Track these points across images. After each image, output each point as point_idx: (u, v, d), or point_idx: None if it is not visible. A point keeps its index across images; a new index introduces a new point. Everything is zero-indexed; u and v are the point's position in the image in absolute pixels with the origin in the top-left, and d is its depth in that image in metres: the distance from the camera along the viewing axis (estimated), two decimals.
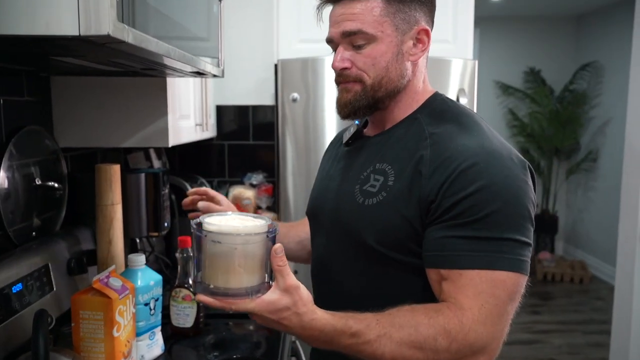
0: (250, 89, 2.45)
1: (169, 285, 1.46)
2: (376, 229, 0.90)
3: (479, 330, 0.80)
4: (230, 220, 0.82)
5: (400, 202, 0.87)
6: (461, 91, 2.19)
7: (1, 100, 1.18)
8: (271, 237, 0.79)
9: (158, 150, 2.04)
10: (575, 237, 5.37)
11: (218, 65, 1.33)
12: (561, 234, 5.45)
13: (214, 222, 0.79)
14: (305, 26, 2.33)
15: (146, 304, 1.17)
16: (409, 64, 0.94)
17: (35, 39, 0.60)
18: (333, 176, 1.06)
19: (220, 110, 2.45)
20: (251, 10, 2.38)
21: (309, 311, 0.79)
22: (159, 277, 1.21)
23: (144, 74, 1.27)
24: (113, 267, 1.08)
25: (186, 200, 1.26)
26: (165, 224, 1.51)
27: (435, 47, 1.12)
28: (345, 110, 0.96)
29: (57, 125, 1.41)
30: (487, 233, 0.81)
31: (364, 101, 0.94)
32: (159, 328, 1.22)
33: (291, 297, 0.77)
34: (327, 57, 2.21)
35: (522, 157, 0.89)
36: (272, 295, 0.77)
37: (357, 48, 0.92)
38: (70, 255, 1.29)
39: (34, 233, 1.28)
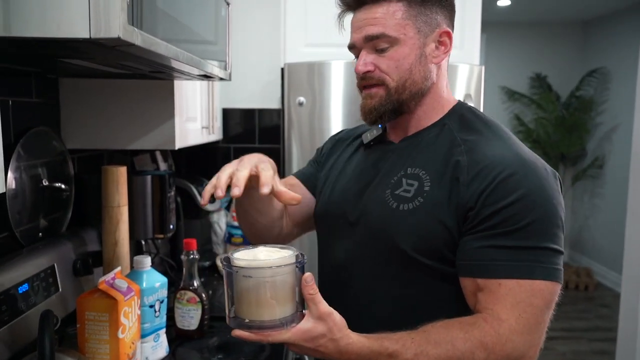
0: (256, 92, 2.45)
1: (174, 287, 1.47)
2: (412, 235, 0.89)
3: (516, 340, 0.80)
4: (258, 254, 0.83)
5: (438, 209, 0.87)
6: (467, 96, 2.19)
7: (10, 102, 1.19)
8: (300, 267, 0.80)
9: (164, 153, 2.05)
10: (581, 243, 5.34)
11: (225, 69, 1.33)
12: (567, 240, 5.40)
13: (242, 257, 0.80)
14: (312, 30, 2.33)
15: (151, 306, 1.17)
16: (432, 66, 0.95)
17: (46, 41, 0.60)
18: (352, 178, 1.04)
19: (227, 113, 2.45)
20: (258, 14, 2.38)
21: (344, 336, 0.80)
22: (164, 279, 1.21)
23: (151, 77, 1.28)
24: (119, 268, 1.08)
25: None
26: (171, 226, 1.51)
27: None
28: (370, 116, 0.96)
29: (64, 127, 1.42)
30: (527, 242, 0.82)
31: (389, 105, 0.94)
32: (164, 330, 1.22)
33: (325, 324, 0.79)
34: (334, 62, 2.21)
35: (551, 167, 0.91)
36: (307, 324, 0.79)
37: (380, 52, 0.93)
38: (76, 257, 1.30)
39: (40, 234, 1.29)
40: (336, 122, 2.24)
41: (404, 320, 0.87)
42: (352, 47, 0.98)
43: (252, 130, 2.50)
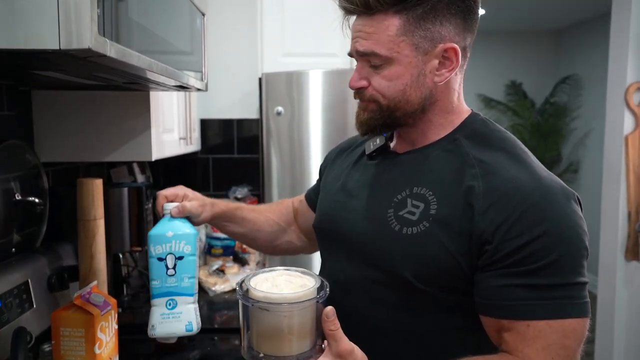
0: (234, 102, 2.45)
1: None
2: (415, 262, 0.82)
3: None
4: (277, 278, 0.77)
5: (445, 235, 0.80)
6: None
7: None
8: (322, 301, 0.75)
9: (141, 165, 2.03)
10: None
11: (202, 79, 1.33)
12: None
13: (260, 287, 0.74)
14: (289, 40, 2.35)
15: (160, 259, 0.96)
16: (433, 85, 0.85)
17: (14, 52, 0.59)
18: (353, 192, 0.95)
19: (205, 123, 2.45)
20: (235, 25, 2.39)
21: None
22: (186, 230, 0.99)
23: (126, 88, 1.27)
24: (95, 282, 1.06)
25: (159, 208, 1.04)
26: None
27: None
28: (362, 128, 0.90)
29: (38, 140, 1.39)
30: (554, 280, 0.75)
31: (380, 120, 0.87)
32: (187, 299, 0.97)
33: None
34: (312, 71, 2.22)
35: (570, 188, 0.83)
36: None
37: (374, 67, 0.84)
38: (51, 272, 1.27)
39: (13, 249, 1.26)
40: (315, 131, 2.25)
41: (412, 354, 0.83)
42: (351, 55, 0.89)
43: (230, 140, 2.49)
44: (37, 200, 1.31)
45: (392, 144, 0.96)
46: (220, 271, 2.01)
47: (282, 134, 2.25)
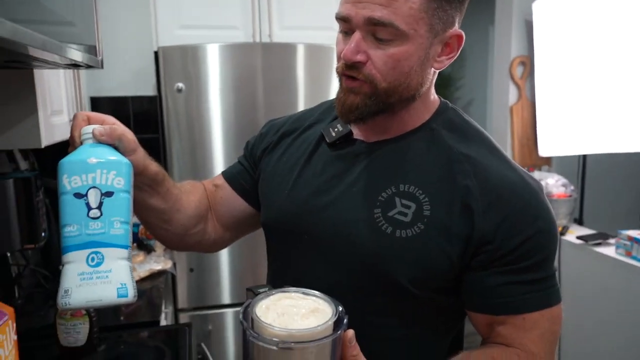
0: (128, 78, 2.28)
1: (52, 300, 1.32)
2: (412, 266, 0.77)
3: None
4: (279, 304, 0.66)
5: (443, 237, 0.77)
6: None
7: None
8: (345, 328, 0.66)
9: (24, 150, 1.81)
10: None
11: (96, 55, 1.19)
12: None
13: (273, 322, 0.62)
14: (186, 11, 2.21)
15: (78, 195, 0.69)
16: (431, 71, 0.80)
17: None
18: (321, 187, 0.86)
19: (96, 102, 2.25)
20: None
21: None
22: (116, 158, 0.73)
23: (5, 67, 1.11)
24: None
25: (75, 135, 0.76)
26: (43, 234, 1.35)
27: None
28: (350, 115, 0.80)
29: None
30: (543, 273, 0.78)
31: (373, 107, 0.78)
32: (119, 253, 0.70)
33: None
34: (210, 45, 2.11)
35: (536, 179, 0.83)
36: None
37: (379, 41, 0.74)
38: None
39: None
40: (215, 108, 2.16)
41: (396, 353, 0.83)
42: (343, 20, 0.75)
43: (125, 119, 2.30)
44: None
45: (355, 132, 0.88)
46: None
47: (181, 113, 2.13)
